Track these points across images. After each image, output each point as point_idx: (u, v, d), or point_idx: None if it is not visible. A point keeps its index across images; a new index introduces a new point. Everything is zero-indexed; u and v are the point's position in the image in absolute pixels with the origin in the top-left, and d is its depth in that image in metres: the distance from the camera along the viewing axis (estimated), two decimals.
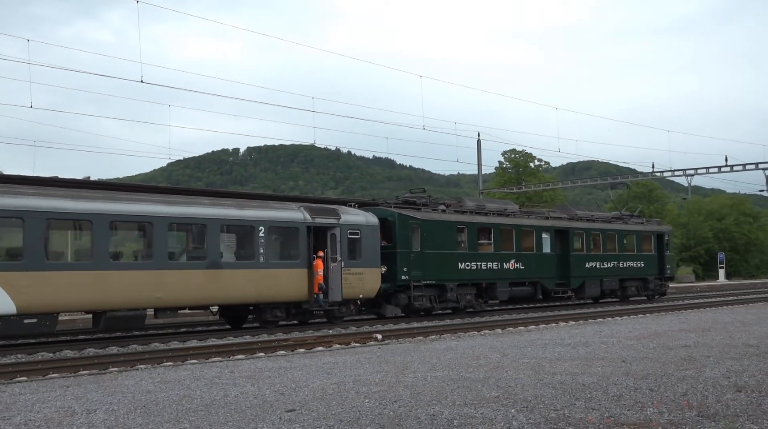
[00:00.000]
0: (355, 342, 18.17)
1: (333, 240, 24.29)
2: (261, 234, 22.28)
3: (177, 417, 8.56)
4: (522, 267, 31.16)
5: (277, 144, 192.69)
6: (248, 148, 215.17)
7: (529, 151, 79.17)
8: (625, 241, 37.27)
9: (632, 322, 22.50)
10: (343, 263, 24.24)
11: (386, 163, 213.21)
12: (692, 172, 49.15)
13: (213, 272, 21.09)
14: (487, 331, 20.61)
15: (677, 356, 13.40)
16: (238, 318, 24.02)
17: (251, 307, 23.20)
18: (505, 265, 30.38)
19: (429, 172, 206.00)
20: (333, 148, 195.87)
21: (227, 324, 24.30)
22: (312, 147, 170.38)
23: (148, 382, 11.58)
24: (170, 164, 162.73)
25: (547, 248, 32.79)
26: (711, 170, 47.93)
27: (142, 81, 27.77)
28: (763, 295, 41.26)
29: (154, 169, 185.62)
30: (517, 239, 31.22)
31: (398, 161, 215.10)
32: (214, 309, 23.38)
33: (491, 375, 11.40)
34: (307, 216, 23.73)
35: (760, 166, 47.01)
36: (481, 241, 29.82)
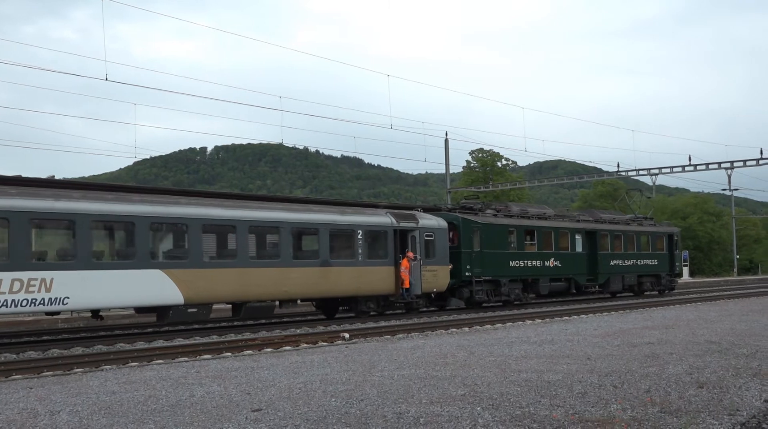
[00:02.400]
0: (323, 341, 18.15)
1: (413, 241, 27.88)
2: (359, 236, 25.95)
3: (142, 417, 8.50)
4: (560, 264, 34.88)
5: (244, 143, 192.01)
6: (215, 147, 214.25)
7: (496, 150, 79.80)
8: (642, 242, 41.14)
9: (598, 320, 22.71)
10: (421, 262, 27.61)
11: (354, 163, 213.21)
12: (657, 171, 49.78)
13: (325, 269, 24.67)
14: (454, 330, 20.68)
15: (641, 353, 13.56)
16: (333, 310, 27.44)
17: (340, 300, 26.85)
18: (546, 263, 34.14)
19: (397, 171, 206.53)
20: (301, 147, 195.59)
21: (323, 315, 27.70)
22: (280, 146, 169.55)
23: (112, 383, 11.48)
24: (136, 163, 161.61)
25: (579, 248, 36.55)
26: (675, 170, 48.56)
27: (106, 79, 27.55)
28: (726, 293, 41.88)
29: (120, 168, 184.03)
30: (555, 240, 34.98)
31: (366, 160, 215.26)
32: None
33: (458, 373, 11.46)
34: (394, 220, 27.41)
35: (722, 165, 47.70)
36: (527, 242, 33.46)
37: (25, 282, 17.75)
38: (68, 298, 18.42)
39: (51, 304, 18.26)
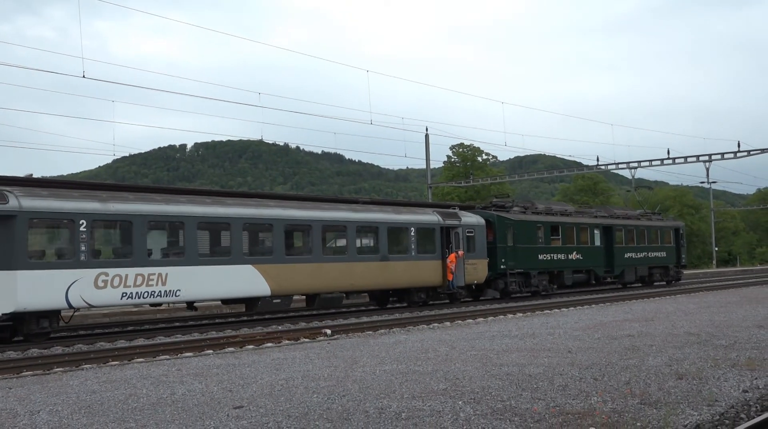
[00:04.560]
0: (305, 337, 18.14)
1: (456, 237, 30.22)
2: (412, 233, 28.55)
3: (122, 416, 8.46)
4: (581, 257, 37.41)
5: (224, 140, 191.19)
6: (195, 144, 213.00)
7: (476, 145, 79.59)
8: (652, 235, 43.73)
9: (578, 313, 22.83)
10: (464, 256, 29.98)
11: (335, 158, 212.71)
12: (636, 164, 49.89)
13: (384, 264, 27.17)
14: (436, 325, 20.73)
15: (621, 346, 13.66)
16: (385, 300, 29.72)
17: (391, 292, 29.26)
18: (569, 256, 36.65)
19: (378, 166, 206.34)
20: (281, 144, 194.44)
21: (376, 305, 29.95)
22: (260, 142, 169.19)
23: (93, 382, 11.41)
24: (115, 161, 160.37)
25: (597, 242, 39.09)
26: (654, 163, 48.72)
27: (84, 76, 27.32)
28: (705, 285, 42.23)
29: (99, 166, 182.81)
30: (577, 235, 37.47)
31: (347, 156, 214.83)
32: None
33: (439, 368, 11.49)
34: (440, 219, 29.88)
35: (700, 158, 47.95)
36: (553, 237, 35.86)
37: (146, 276, 20.29)
38: (180, 290, 21.01)
39: (166, 296, 20.88)
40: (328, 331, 19.03)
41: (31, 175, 22.82)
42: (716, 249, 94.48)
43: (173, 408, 8.86)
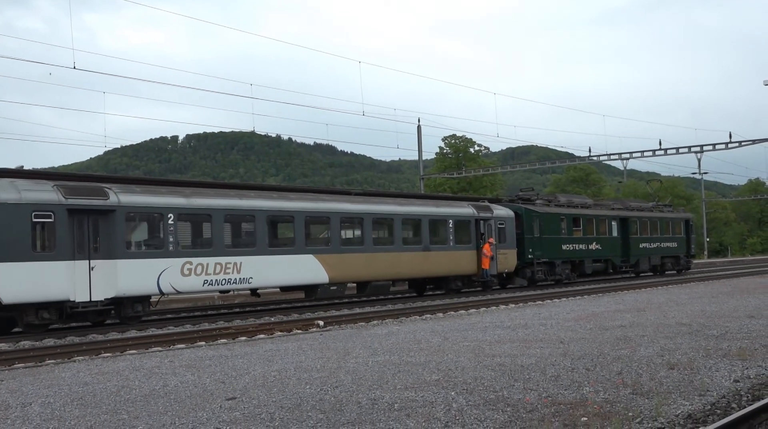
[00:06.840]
0: (297, 329, 18.14)
1: (489, 229, 32.14)
2: (450, 225, 30.42)
3: (115, 408, 8.45)
4: (600, 248, 39.32)
5: (216, 131, 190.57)
6: (187, 135, 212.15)
7: (469, 136, 79.54)
8: (664, 227, 45.53)
9: (570, 304, 22.88)
10: (495, 246, 31.94)
11: (327, 150, 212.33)
12: (628, 155, 49.93)
13: (426, 253, 29.11)
14: (428, 315, 20.75)
15: (613, 336, 13.70)
16: (423, 288, 31.86)
17: (428, 280, 31.24)
18: (590, 247, 38.59)
19: (370, 158, 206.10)
20: (273, 135, 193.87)
21: (414, 293, 32.10)
22: (252, 134, 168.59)
23: (85, 374, 11.40)
24: (107, 152, 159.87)
25: (615, 233, 40.97)
26: (646, 154, 48.77)
27: (74, 67, 27.20)
28: (696, 276, 42.41)
29: (91, 158, 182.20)
30: (596, 226, 39.34)
31: (339, 148, 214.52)
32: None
33: (432, 359, 11.50)
34: (475, 211, 31.84)
35: (692, 149, 48.01)
36: (575, 228, 37.70)
37: (224, 265, 22.27)
38: (252, 277, 22.97)
39: (240, 283, 22.86)
40: (321, 323, 19.03)
41: (22, 166, 22.69)
42: (708, 239, 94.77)
43: (166, 399, 8.86)
